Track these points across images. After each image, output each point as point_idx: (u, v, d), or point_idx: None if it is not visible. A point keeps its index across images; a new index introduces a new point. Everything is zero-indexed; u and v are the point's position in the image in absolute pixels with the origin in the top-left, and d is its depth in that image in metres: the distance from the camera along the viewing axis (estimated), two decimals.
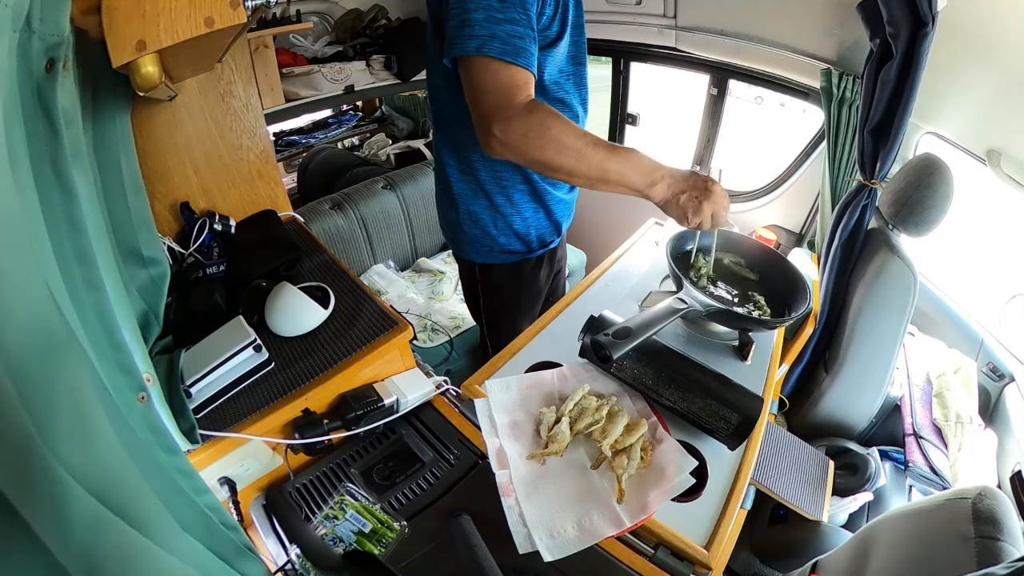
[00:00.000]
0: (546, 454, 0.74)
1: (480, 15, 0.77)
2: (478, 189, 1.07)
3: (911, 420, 1.44)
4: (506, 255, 1.15)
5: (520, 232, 1.12)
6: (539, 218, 1.13)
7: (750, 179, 2.10)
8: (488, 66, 0.78)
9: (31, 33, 0.42)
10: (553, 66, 0.94)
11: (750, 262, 1.12)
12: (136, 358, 0.57)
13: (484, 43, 0.77)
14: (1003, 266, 1.82)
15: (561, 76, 0.98)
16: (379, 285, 2.16)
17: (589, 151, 0.80)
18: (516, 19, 0.78)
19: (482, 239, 1.13)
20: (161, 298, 0.92)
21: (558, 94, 0.99)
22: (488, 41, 0.77)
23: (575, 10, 0.95)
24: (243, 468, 0.84)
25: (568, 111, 1.02)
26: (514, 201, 1.08)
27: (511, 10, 0.78)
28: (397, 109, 3.12)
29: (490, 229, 1.11)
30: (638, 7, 1.90)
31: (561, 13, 0.90)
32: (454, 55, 0.80)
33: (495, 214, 1.09)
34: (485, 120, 0.80)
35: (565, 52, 0.96)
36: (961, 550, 0.72)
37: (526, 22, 0.80)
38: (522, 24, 0.79)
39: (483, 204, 1.09)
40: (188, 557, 0.43)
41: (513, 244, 1.14)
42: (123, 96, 0.84)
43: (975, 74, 1.27)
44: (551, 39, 0.91)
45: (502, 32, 0.77)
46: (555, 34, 0.91)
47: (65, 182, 0.47)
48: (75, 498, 0.31)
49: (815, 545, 1.22)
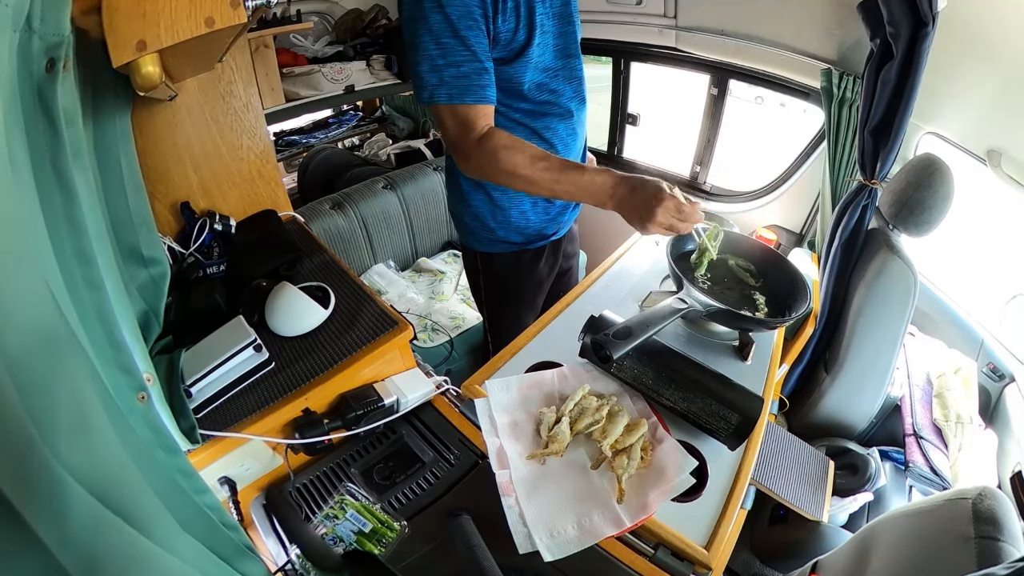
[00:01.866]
0: (546, 454, 0.74)
1: (425, 67, 0.85)
2: (478, 184, 1.10)
3: (911, 420, 1.44)
4: (505, 245, 1.18)
5: (519, 226, 1.15)
6: (538, 211, 1.14)
7: (750, 179, 2.10)
8: (441, 111, 0.88)
9: (31, 33, 0.42)
10: (532, 70, 0.96)
11: (750, 262, 1.12)
12: (136, 358, 0.57)
13: (433, 92, 0.86)
14: (1003, 266, 1.82)
15: (545, 75, 0.99)
16: (379, 285, 2.15)
17: (538, 176, 0.87)
18: (458, 61, 0.84)
19: (482, 231, 1.16)
20: (161, 298, 0.92)
21: (542, 95, 1.00)
22: (436, 90, 0.86)
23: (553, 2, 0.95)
24: (243, 468, 0.84)
25: (557, 108, 1.03)
26: (511, 195, 1.11)
27: (451, 54, 0.84)
28: (397, 109, 3.12)
29: (489, 222, 1.14)
30: (638, 7, 1.90)
31: (526, 19, 0.90)
32: (419, 103, 0.93)
33: (494, 208, 1.12)
34: (454, 154, 0.94)
35: (548, 50, 0.96)
36: (961, 550, 0.72)
37: (471, 58, 0.85)
38: (465, 63, 0.85)
39: (482, 198, 1.12)
40: (188, 557, 0.43)
41: (512, 237, 1.16)
42: (123, 96, 0.84)
43: (975, 74, 1.27)
44: (520, 47, 0.92)
45: (448, 77, 0.85)
46: (523, 40, 0.92)
47: (65, 182, 0.47)
48: (75, 498, 0.31)
49: (815, 545, 1.22)
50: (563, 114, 1.04)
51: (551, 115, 1.02)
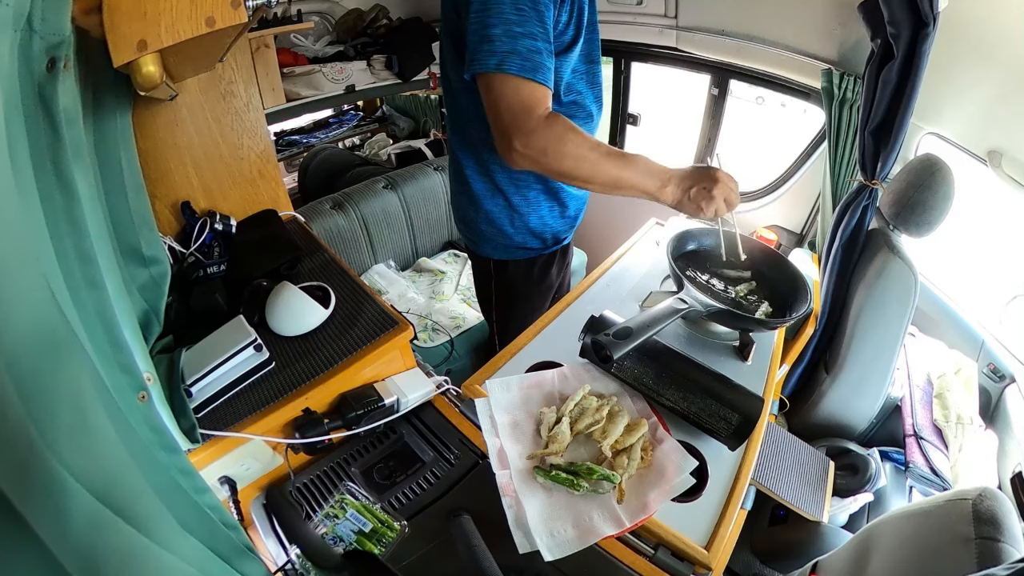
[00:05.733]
0: (546, 454, 0.74)
1: (499, 30, 0.78)
2: (495, 189, 1.08)
3: (912, 421, 1.44)
4: (522, 251, 1.17)
5: (536, 230, 1.14)
6: (555, 215, 1.14)
7: (751, 179, 2.09)
8: (507, 82, 0.80)
9: (32, 33, 0.42)
10: (567, 69, 0.95)
11: (750, 262, 1.11)
12: (137, 357, 0.57)
13: (504, 60, 0.78)
14: (1004, 267, 1.82)
15: (574, 76, 0.98)
16: (380, 285, 2.16)
17: (603, 161, 0.83)
18: (535, 33, 0.79)
19: (498, 237, 1.15)
20: (162, 297, 0.92)
21: (570, 95, 0.99)
22: (508, 57, 0.78)
23: (590, 10, 0.95)
24: (243, 467, 0.84)
25: (581, 111, 1.02)
26: (530, 199, 1.10)
27: (530, 24, 0.79)
28: (398, 109, 3.13)
29: (507, 228, 1.13)
30: (639, 7, 1.90)
31: (576, 17, 0.90)
32: (474, 72, 0.81)
33: (512, 213, 1.11)
34: (506, 135, 0.82)
35: (579, 53, 0.96)
36: (961, 551, 0.72)
37: (544, 36, 0.81)
38: (540, 39, 0.80)
39: (500, 203, 1.10)
40: (188, 556, 0.43)
41: (529, 242, 1.16)
42: (124, 96, 0.84)
43: (976, 74, 1.27)
44: (567, 44, 0.91)
45: (522, 48, 0.79)
46: (570, 39, 0.91)
47: (66, 181, 0.47)
48: (75, 497, 0.31)
49: (815, 546, 1.22)
50: (586, 117, 1.04)
51: (576, 116, 1.02)
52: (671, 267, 0.98)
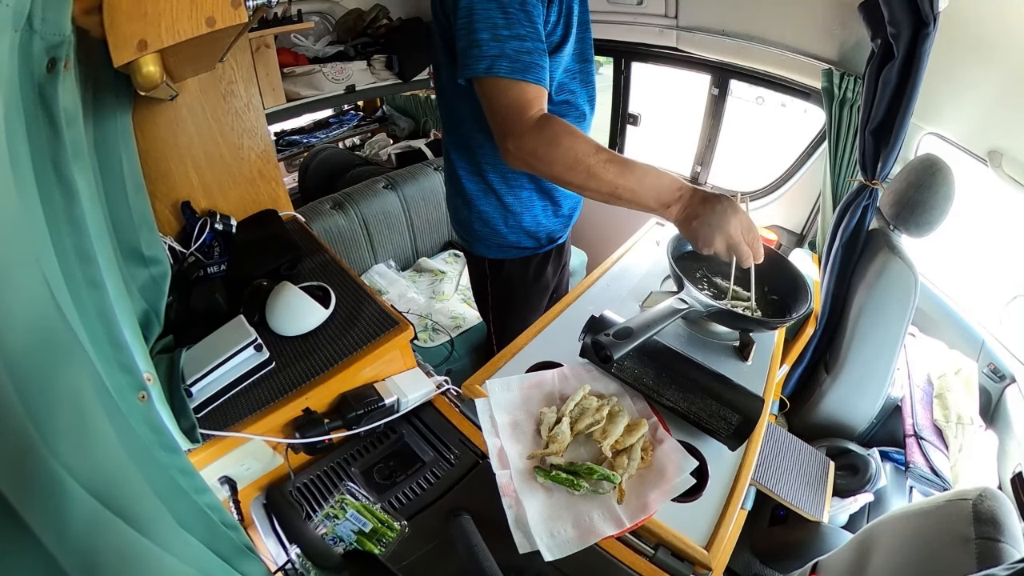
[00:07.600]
0: (546, 454, 0.74)
1: (486, 35, 0.78)
2: (488, 189, 1.08)
3: (912, 421, 1.44)
4: (517, 251, 1.17)
5: (531, 230, 1.14)
6: (548, 215, 1.14)
7: (751, 179, 2.10)
8: (497, 85, 0.80)
9: (32, 33, 0.42)
10: (559, 68, 0.94)
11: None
12: (137, 357, 0.57)
13: (492, 63, 0.78)
14: (1004, 267, 1.82)
15: (566, 76, 0.98)
16: (380, 285, 2.16)
17: (600, 168, 0.78)
18: (523, 35, 0.79)
19: (493, 237, 1.15)
20: (162, 297, 0.92)
21: (562, 95, 0.99)
22: (496, 61, 0.78)
23: (580, 9, 0.95)
24: (243, 467, 0.84)
25: (574, 110, 1.02)
26: (523, 199, 1.10)
27: (517, 26, 0.79)
28: (398, 109, 3.13)
29: (500, 228, 1.13)
30: (639, 7, 1.90)
31: (565, 16, 0.90)
32: (466, 76, 0.82)
33: (506, 213, 1.11)
34: (500, 136, 0.83)
35: (571, 52, 0.96)
36: (961, 551, 0.72)
37: (535, 35, 0.80)
38: (530, 39, 0.80)
39: (493, 203, 1.10)
40: (188, 556, 0.43)
41: (524, 241, 1.15)
42: (124, 96, 0.84)
43: (976, 75, 1.27)
44: (556, 43, 0.91)
45: (509, 50, 0.78)
46: (560, 38, 0.91)
47: (66, 181, 0.47)
48: (75, 498, 0.31)
49: (815, 546, 1.22)
50: (578, 116, 1.04)
51: (568, 116, 1.01)
52: (671, 267, 0.98)
